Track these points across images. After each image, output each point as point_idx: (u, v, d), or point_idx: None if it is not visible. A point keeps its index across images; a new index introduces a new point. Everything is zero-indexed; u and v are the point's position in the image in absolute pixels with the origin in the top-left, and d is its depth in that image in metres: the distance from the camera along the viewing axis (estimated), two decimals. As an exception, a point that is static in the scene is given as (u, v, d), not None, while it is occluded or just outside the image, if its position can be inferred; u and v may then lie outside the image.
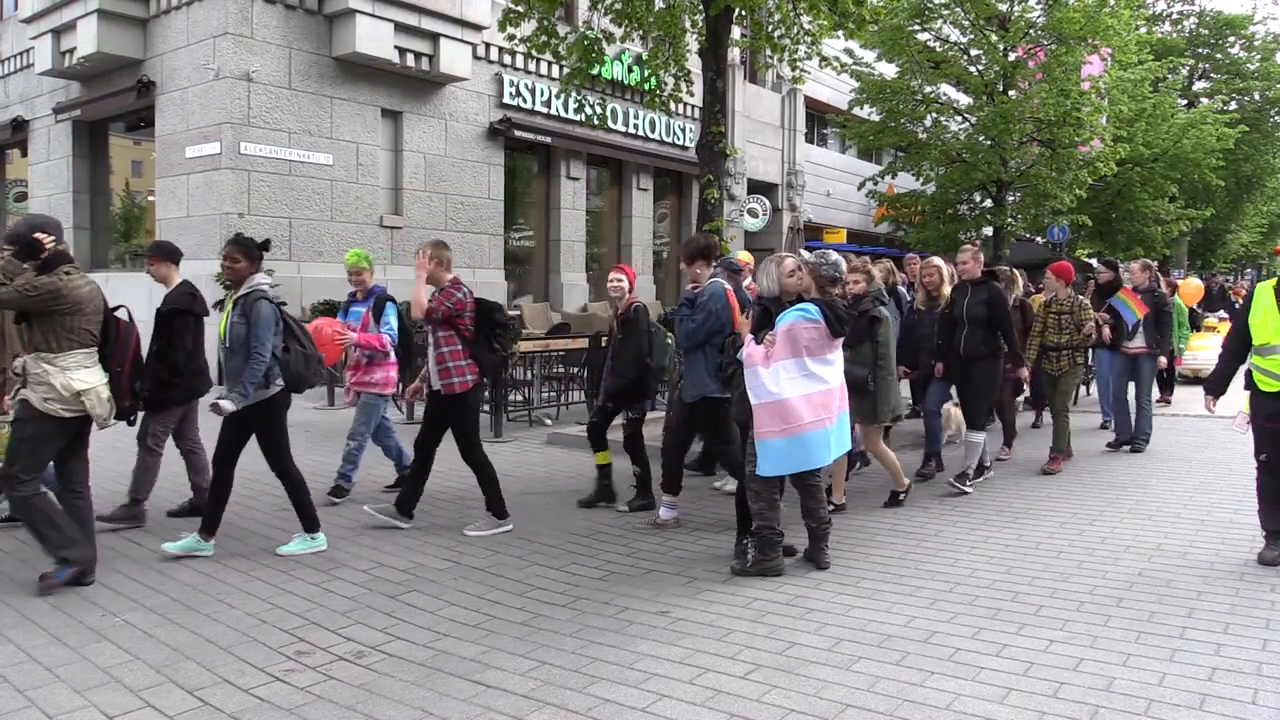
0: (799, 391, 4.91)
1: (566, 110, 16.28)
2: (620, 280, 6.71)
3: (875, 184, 20.91)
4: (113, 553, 5.21)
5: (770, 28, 10.09)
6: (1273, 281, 5.11)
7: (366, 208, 14.47)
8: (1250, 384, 5.20)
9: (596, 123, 11.67)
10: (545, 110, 16.99)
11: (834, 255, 5.19)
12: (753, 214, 21.11)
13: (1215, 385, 5.47)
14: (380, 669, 3.73)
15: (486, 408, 9.12)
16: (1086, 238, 23.99)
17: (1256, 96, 29.73)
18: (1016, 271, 9.43)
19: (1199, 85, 31.55)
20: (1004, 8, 18.48)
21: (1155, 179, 22.46)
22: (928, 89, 19.07)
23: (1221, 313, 19.37)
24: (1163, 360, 10.35)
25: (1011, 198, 19.47)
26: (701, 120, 9.62)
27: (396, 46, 14.01)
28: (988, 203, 19.72)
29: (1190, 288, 13.67)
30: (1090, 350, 9.54)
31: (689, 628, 4.18)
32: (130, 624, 4.17)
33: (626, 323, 6.51)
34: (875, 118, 19.88)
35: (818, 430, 4.94)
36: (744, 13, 9.42)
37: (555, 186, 18.04)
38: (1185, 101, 26.60)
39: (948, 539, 5.72)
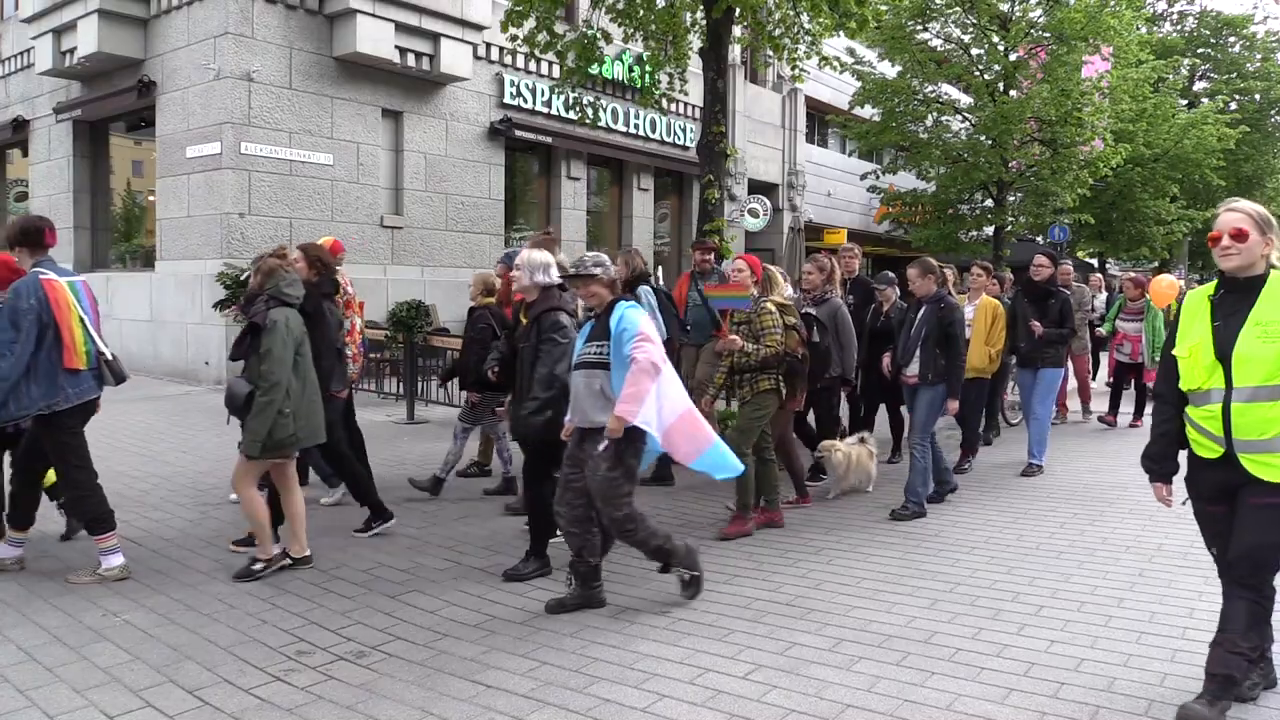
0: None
1: (566, 110, 16.28)
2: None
3: (878, 178, 20.90)
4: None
5: (771, 27, 10.08)
6: (1208, 289, 3.28)
7: (367, 208, 14.46)
8: (1184, 446, 3.47)
9: (589, 121, 11.67)
10: (546, 110, 16.98)
11: (604, 256, 4.64)
12: (753, 214, 21.09)
13: (1158, 462, 3.59)
14: (380, 669, 3.73)
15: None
16: (1087, 238, 24.00)
17: (1257, 97, 29.70)
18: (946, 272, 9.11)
19: (1199, 85, 31.51)
20: (1005, 8, 18.48)
21: (1156, 179, 22.46)
22: (929, 89, 19.07)
23: None
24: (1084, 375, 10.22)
25: (1012, 198, 19.48)
26: (702, 120, 9.62)
27: (397, 46, 14.00)
28: (989, 202, 19.73)
29: (1162, 286, 10.72)
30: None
31: (689, 628, 4.18)
32: (130, 624, 4.17)
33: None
34: (876, 118, 19.88)
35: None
36: (744, 13, 9.41)
37: (556, 186, 18.03)
38: (1186, 102, 26.59)
39: (948, 539, 5.71)
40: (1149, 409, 9.75)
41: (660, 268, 20.97)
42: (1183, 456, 3.50)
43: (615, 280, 4.65)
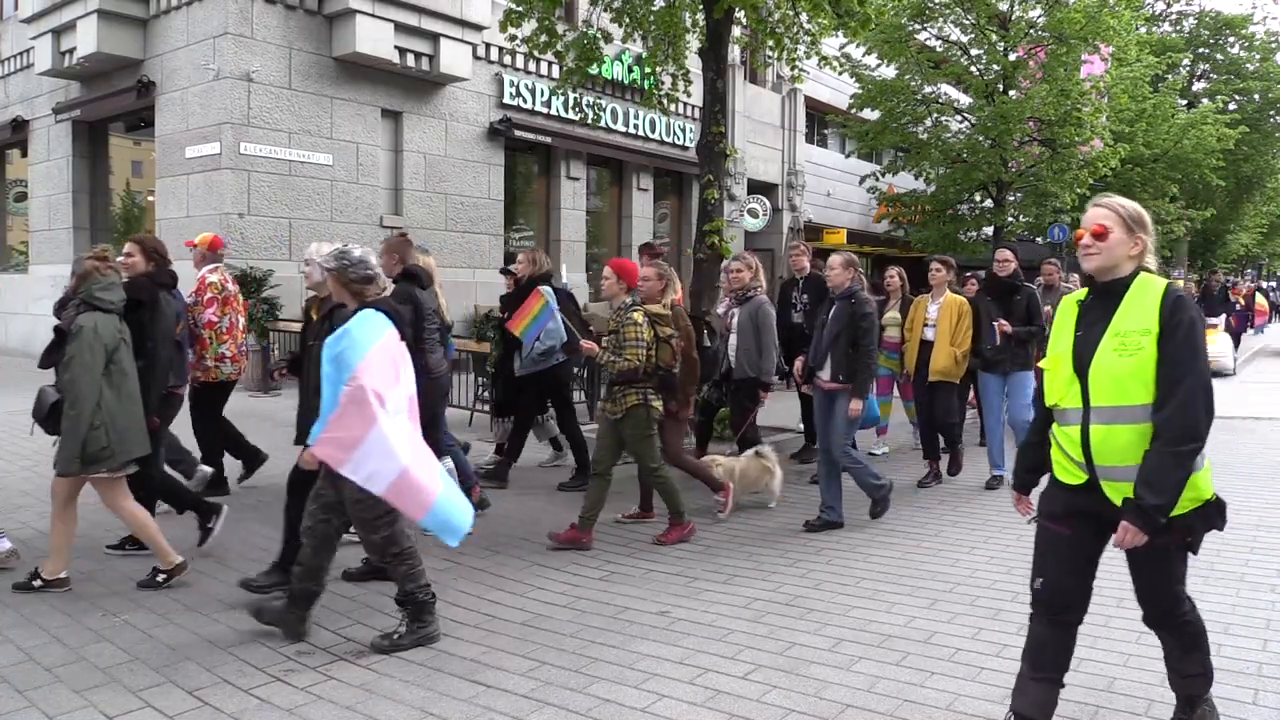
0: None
1: (566, 110, 16.28)
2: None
3: (877, 179, 20.92)
4: (114, 553, 5.21)
5: (770, 27, 10.07)
6: (1080, 294, 2.92)
7: (366, 208, 14.46)
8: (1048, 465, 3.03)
9: (591, 121, 11.68)
10: (545, 110, 16.99)
11: (357, 251, 4.00)
12: (753, 214, 21.10)
13: (1018, 474, 3.19)
14: (380, 669, 3.73)
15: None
16: (1087, 238, 23.96)
17: (1256, 97, 29.71)
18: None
19: (1199, 85, 31.54)
20: (1004, 7, 18.49)
21: (1156, 179, 22.46)
22: (928, 89, 19.08)
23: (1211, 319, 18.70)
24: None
25: (1012, 198, 19.49)
26: (701, 120, 9.61)
27: (396, 46, 14.00)
28: (988, 203, 19.73)
29: None
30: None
31: (689, 628, 4.18)
32: (130, 624, 4.17)
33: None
34: (876, 118, 19.89)
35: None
36: (744, 12, 9.40)
37: (555, 186, 18.03)
38: (1185, 102, 26.60)
39: (948, 539, 5.72)
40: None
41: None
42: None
43: (366, 284, 3.97)
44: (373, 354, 3.71)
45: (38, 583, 4.56)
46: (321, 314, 4.54)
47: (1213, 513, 2.81)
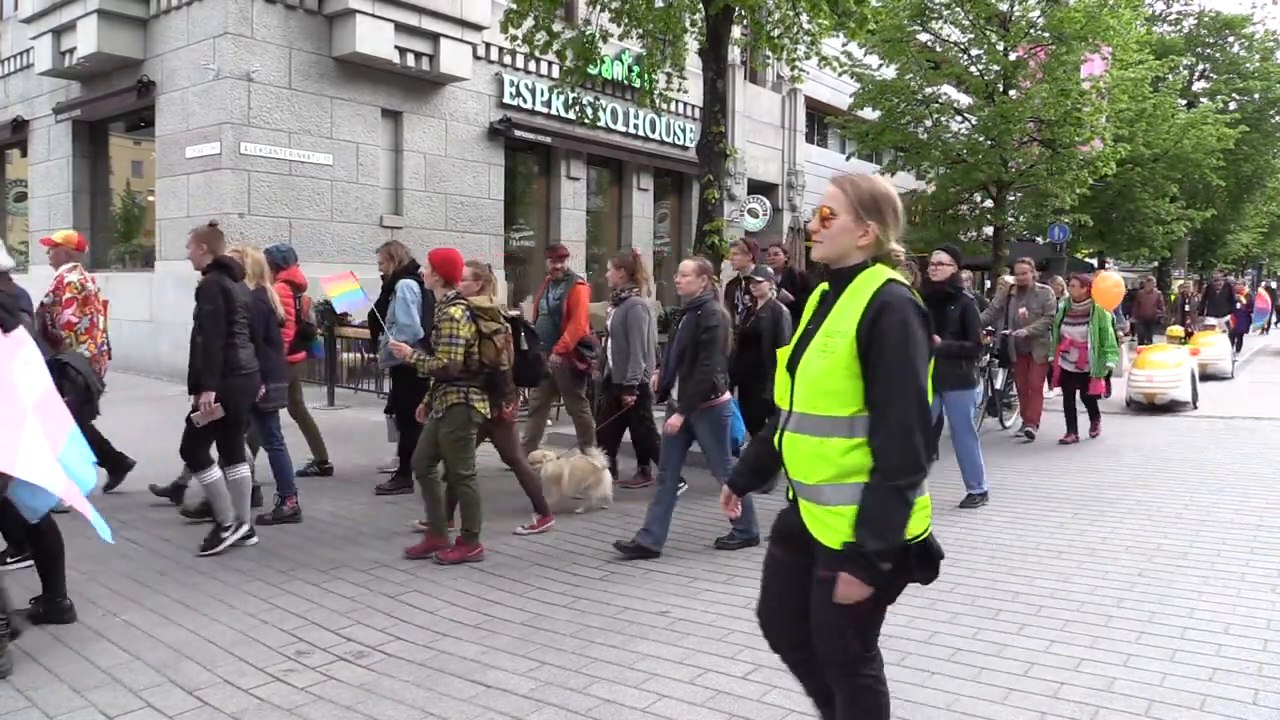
0: None
1: (566, 110, 16.28)
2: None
3: None
4: (114, 553, 5.21)
5: (770, 27, 10.08)
6: (825, 285, 2.53)
7: (366, 208, 14.46)
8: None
9: (588, 121, 11.69)
10: (545, 110, 16.99)
11: None
12: (753, 214, 21.10)
13: (738, 472, 2.89)
14: (380, 669, 3.73)
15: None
16: (1087, 238, 24.01)
17: (1256, 96, 29.71)
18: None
19: (1199, 85, 31.54)
20: (1004, 7, 18.48)
21: (1156, 179, 22.47)
22: (928, 89, 19.08)
23: (1208, 319, 18.09)
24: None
25: (1012, 198, 19.49)
26: (701, 120, 9.62)
27: (396, 46, 14.00)
28: (988, 203, 19.73)
29: (1107, 285, 9.78)
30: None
31: (689, 628, 4.18)
32: (130, 624, 4.17)
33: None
34: (876, 118, 19.89)
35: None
36: (743, 12, 9.41)
37: (555, 186, 18.04)
38: (1185, 102, 26.60)
39: (948, 539, 5.70)
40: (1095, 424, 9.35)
41: (661, 268, 21.00)
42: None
43: None
44: None
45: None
46: None
47: (916, 556, 2.40)
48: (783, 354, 2.46)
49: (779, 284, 8.07)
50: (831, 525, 2.30)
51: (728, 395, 5.57)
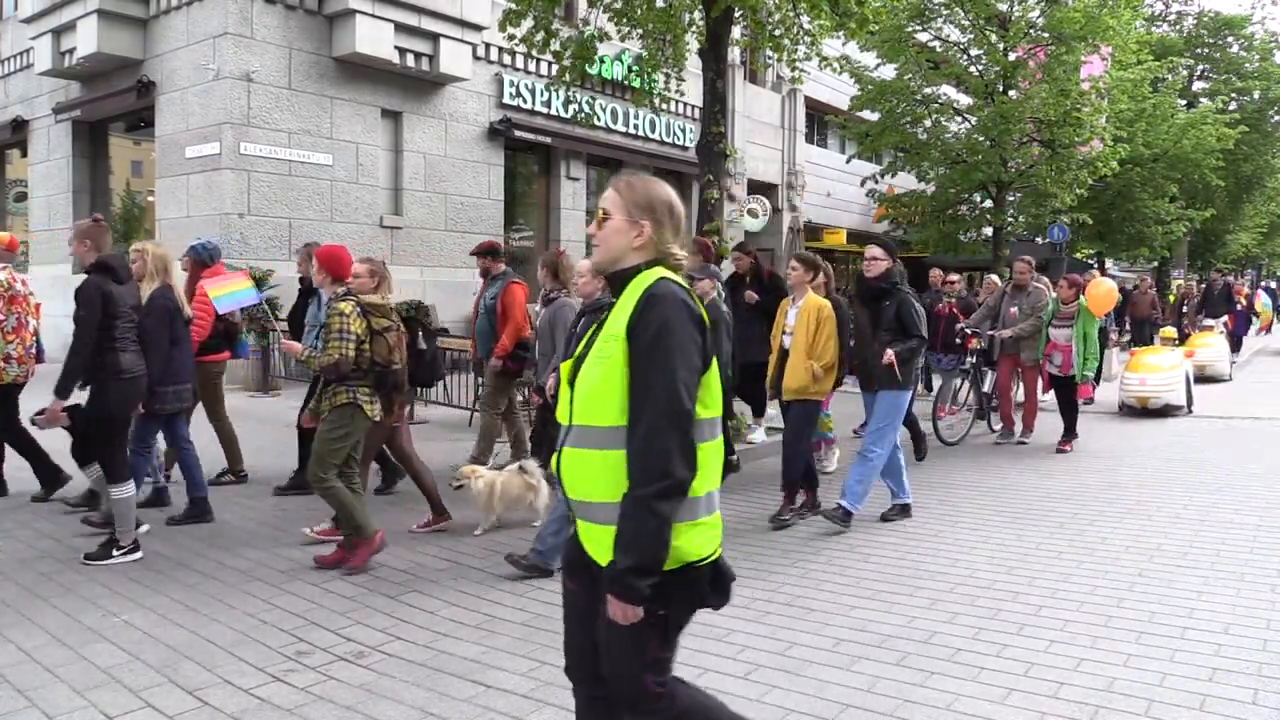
0: None
1: (565, 110, 16.29)
2: None
3: (876, 182, 20.93)
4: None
5: (770, 28, 10.08)
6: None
7: (366, 208, 14.47)
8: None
9: (584, 121, 11.71)
10: (545, 110, 17.00)
11: None
12: (753, 214, 21.12)
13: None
14: (380, 669, 3.72)
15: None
16: (1087, 238, 24.03)
17: (1256, 96, 29.73)
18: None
19: (1198, 85, 31.56)
20: (1004, 8, 18.50)
21: (1155, 179, 22.49)
22: (927, 89, 19.10)
23: (1204, 319, 17.86)
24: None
25: (1011, 198, 19.50)
26: (701, 120, 9.62)
27: (396, 46, 14.01)
28: (988, 203, 19.75)
29: (1100, 291, 9.18)
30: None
31: (689, 627, 4.16)
32: (130, 624, 4.17)
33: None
34: (875, 119, 19.91)
35: None
36: (744, 13, 9.41)
37: (555, 187, 18.04)
38: (1185, 102, 26.62)
39: (948, 539, 5.71)
40: (1068, 437, 8.81)
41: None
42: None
43: None
44: None
45: None
46: None
47: (701, 581, 2.17)
48: (565, 368, 2.28)
49: (750, 286, 7.90)
50: (607, 544, 2.10)
51: None
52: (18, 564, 5.01)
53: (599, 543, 2.14)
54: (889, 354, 5.91)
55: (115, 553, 5.02)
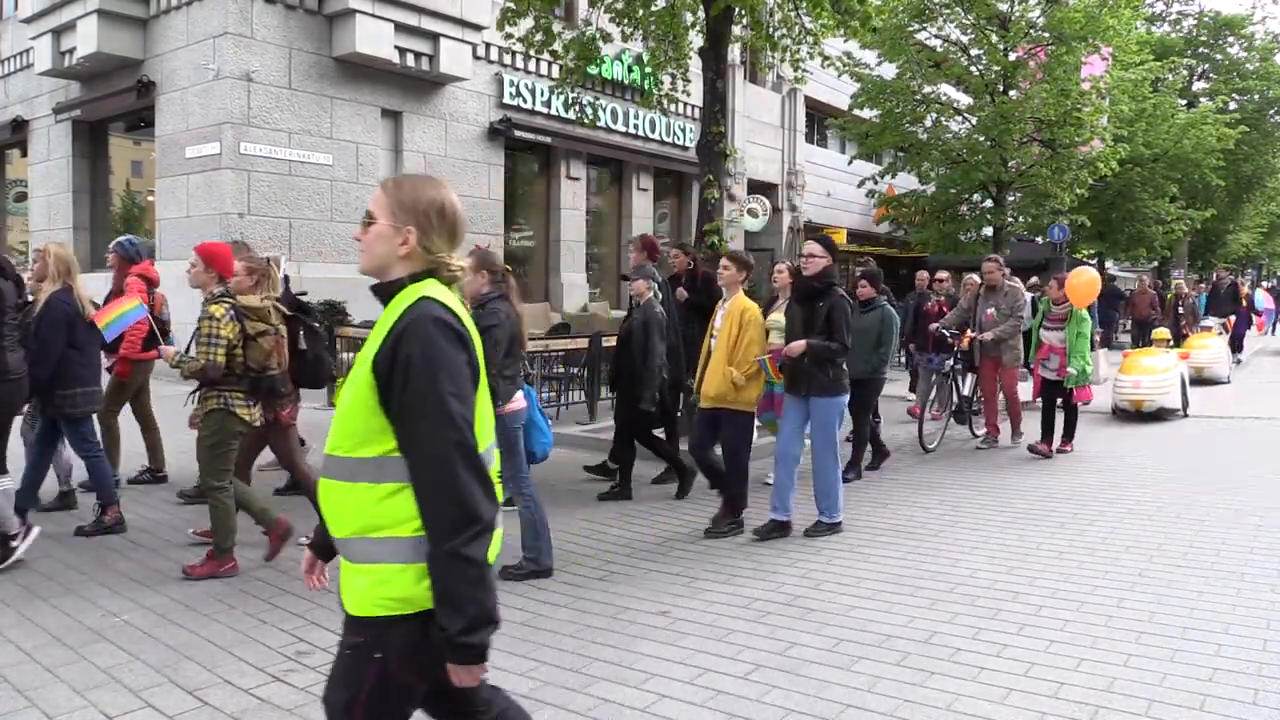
0: None
1: (565, 110, 16.28)
2: None
3: (875, 182, 20.94)
4: (113, 553, 5.21)
5: (771, 28, 10.08)
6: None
7: (366, 208, 14.47)
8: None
9: (586, 122, 11.70)
10: (545, 110, 16.99)
11: None
12: (753, 214, 21.12)
13: (320, 533, 2.52)
14: (380, 669, 3.72)
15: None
16: (1086, 238, 24.05)
17: (1256, 97, 29.74)
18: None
19: (1199, 85, 31.58)
20: (1004, 8, 18.51)
21: (1156, 179, 22.49)
22: (927, 89, 19.10)
23: (1208, 319, 17.77)
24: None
25: (1011, 198, 19.51)
26: (701, 120, 9.61)
27: (396, 46, 14.01)
28: (988, 203, 19.75)
29: (1082, 281, 8.76)
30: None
31: (689, 628, 4.17)
32: (130, 624, 4.17)
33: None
34: (875, 119, 19.91)
35: None
36: (744, 12, 9.41)
37: (555, 186, 18.04)
38: (1185, 102, 26.63)
39: (948, 539, 5.71)
40: (1066, 439, 8.57)
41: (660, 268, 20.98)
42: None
43: None
44: None
45: None
46: None
47: (422, 634, 1.90)
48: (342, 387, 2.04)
49: (684, 284, 7.62)
50: (353, 585, 1.93)
51: (519, 403, 4.93)
52: (17, 564, 5.00)
53: (344, 581, 1.98)
54: (798, 344, 5.59)
55: (15, 544, 4.94)
